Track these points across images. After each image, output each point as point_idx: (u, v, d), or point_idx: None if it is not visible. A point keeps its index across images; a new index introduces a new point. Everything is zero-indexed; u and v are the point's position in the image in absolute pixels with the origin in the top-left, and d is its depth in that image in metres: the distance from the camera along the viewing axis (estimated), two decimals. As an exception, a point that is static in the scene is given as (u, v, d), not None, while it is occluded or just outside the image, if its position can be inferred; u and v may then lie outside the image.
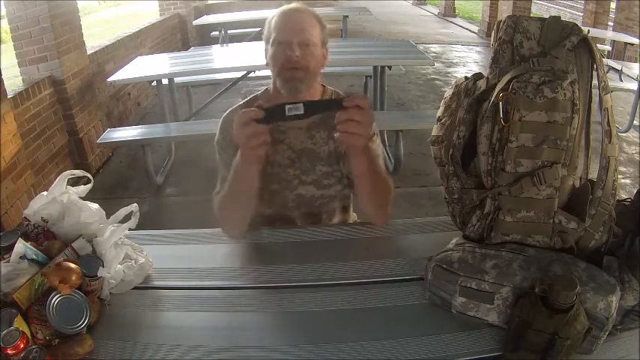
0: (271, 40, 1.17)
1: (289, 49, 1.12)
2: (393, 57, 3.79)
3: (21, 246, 0.92)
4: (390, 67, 3.68)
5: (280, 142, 1.22)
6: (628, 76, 4.22)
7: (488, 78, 0.92)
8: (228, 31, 6.05)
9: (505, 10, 7.07)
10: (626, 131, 3.97)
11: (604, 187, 0.86)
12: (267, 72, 1.25)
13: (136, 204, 1.06)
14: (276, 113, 0.94)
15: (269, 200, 1.24)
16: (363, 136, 0.99)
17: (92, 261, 0.95)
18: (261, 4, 6.70)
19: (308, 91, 1.18)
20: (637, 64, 4.45)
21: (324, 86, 1.29)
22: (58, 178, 1.07)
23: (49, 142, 3.09)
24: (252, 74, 3.74)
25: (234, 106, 1.26)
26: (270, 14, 1.21)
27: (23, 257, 0.92)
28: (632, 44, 5.35)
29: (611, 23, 7.05)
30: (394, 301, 0.96)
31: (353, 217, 1.41)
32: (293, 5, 1.21)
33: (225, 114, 1.26)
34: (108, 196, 3.08)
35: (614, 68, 4.40)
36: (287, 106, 0.93)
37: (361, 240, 1.17)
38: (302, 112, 0.92)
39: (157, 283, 1.04)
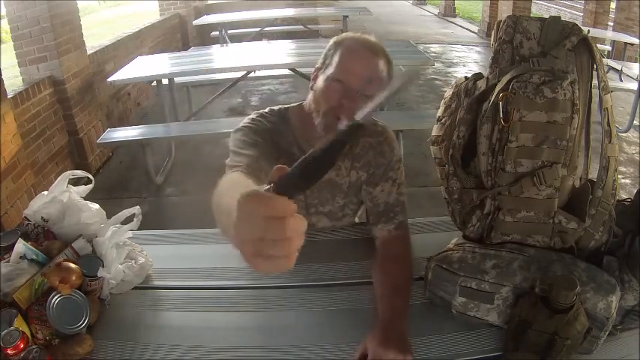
0: (329, 73, 1.03)
1: (347, 98, 0.99)
2: (393, 57, 3.77)
3: (21, 246, 0.93)
4: (389, 67, 3.67)
5: None
6: (628, 76, 4.21)
7: (488, 78, 0.91)
8: (228, 31, 6.05)
9: (505, 10, 7.06)
10: (626, 131, 3.97)
11: (604, 187, 0.86)
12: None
13: (138, 206, 1.06)
14: None
15: None
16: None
17: (92, 261, 0.95)
18: (261, 4, 6.70)
19: None
20: (637, 64, 4.44)
21: None
22: (58, 178, 1.07)
23: (49, 142, 3.09)
24: (251, 74, 3.74)
25: (262, 111, 1.13)
26: (334, 39, 1.07)
27: (23, 257, 0.92)
28: (632, 44, 5.34)
29: (611, 23, 7.05)
30: (394, 301, 0.96)
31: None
32: (366, 41, 1.06)
33: (251, 116, 1.11)
34: (108, 196, 3.08)
35: (614, 68, 4.39)
36: None
37: (361, 240, 1.17)
38: None
39: (157, 283, 1.04)
